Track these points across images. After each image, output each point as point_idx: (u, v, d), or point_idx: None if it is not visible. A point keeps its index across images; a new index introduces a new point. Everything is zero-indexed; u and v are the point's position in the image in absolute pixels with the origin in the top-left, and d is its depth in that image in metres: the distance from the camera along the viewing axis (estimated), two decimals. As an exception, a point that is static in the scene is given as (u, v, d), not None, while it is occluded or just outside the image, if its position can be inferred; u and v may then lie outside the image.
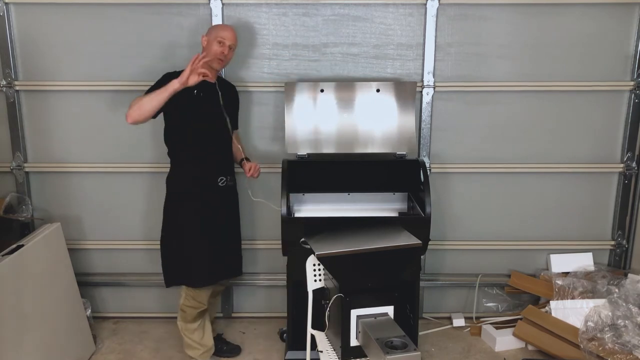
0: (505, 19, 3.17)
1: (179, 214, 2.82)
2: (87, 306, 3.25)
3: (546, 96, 3.28)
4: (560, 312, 3.14)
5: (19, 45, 3.20)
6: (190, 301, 2.87)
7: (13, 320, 2.51)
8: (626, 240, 3.46)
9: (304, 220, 2.95)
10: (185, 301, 2.88)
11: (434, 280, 3.50)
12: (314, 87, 3.07)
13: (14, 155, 3.31)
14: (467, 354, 3.18)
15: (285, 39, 3.19)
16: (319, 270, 2.57)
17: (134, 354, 3.18)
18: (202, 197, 2.80)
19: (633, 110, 3.29)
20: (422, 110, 3.26)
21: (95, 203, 3.40)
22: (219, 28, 2.86)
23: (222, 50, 2.76)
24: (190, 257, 2.82)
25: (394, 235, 2.61)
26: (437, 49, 3.20)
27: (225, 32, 2.81)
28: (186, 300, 2.88)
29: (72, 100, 3.27)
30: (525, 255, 3.50)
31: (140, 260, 3.48)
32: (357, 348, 2.40)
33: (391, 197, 3.16)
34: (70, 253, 3.09)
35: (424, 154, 3.31)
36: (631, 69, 3.25)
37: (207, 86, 2.79)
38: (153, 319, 3.53)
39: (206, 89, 2.78)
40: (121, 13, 3.16)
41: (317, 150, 3.11)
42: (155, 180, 3.35)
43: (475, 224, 3.45)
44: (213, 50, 2.76)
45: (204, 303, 2.89)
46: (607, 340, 2.92)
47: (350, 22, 3.17)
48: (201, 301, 2.87)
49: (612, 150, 3.37)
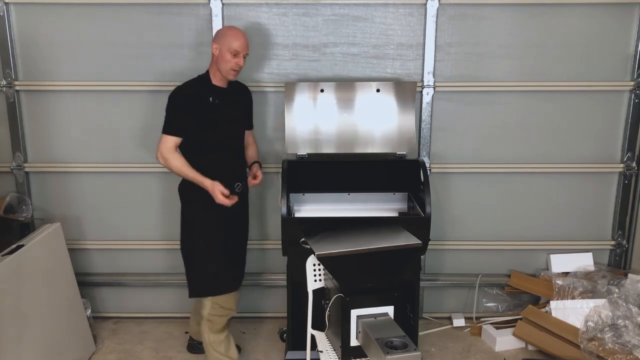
0: (505, 19, 3.17)
1: (201, 222, 2.76)
2: (87, 306, 3.25)
3: (546, 96, 3.28)
4: (560, 312, 3.14)
5: (19, 45, 3.20)
6: (217, 310, 2.78)
7: (13, 320, 2.51)
8: (626, 240, 3.45)
9: (304, 220, 2.95)
10: (212, 310, 2.77)
11: (434, 280, 3.50)
12: (314, 87, 3.07)
13: (14, 155, 3.32)
14: (467, 354, 3.18)
15: (285, 39, 3.19)
16: (319, 270, 2.57)
17: (134, 354, 3.18)
18: (222, 204, 2.69)
19: (633, 110, 3.29)
20: (422, 110, 3.26)
21: (95, 203, 3.40)
22: (231, 37, 2.69)
23: (237, 63, 2.67)
24: (217, 264, 2.77)
25: (394, 235, 2.61)
26: (437, 49, 3.20)
27: (239, 42, 2.67)
28: (213, 309, 2.77)
29: (72, 100, 3.27)
30: (525, 255, 3.50)
31: (140, 260, 3.48)
32: (357, 348, 2.39)
33: (391, 197, 3.16)
34: (70, 253, 3.09)
35: (424, 154, 3.31)
36: (631, 69, 3.25)
37: (221, 92, 2.75)
38: (153, 319, 3.54)
39: (221, 95, 2.74)
40: (121, 13, 3.16)
41: (317, 150, 3.11)
42: (155, 180, 3.35)
43: (475, 224, 3.45)
44: (227, 63, 2.66)
45: (234, 308, 2.85)
46: (607, 340, 2.92)
47: (350, 22, 3.17)
48: (231, 307, 2.82)
49: (612, 150, 3.37)
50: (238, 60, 2.68)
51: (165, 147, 2.67)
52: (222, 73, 2.70)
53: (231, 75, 2.71)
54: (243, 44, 2.69)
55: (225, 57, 2.66)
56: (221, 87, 2.76)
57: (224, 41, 2.68)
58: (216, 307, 2.78)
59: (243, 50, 2.69)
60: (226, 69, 2.68)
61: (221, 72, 2.70)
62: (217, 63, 2.71)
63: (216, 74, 2.73)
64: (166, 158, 2.67)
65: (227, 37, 2.69)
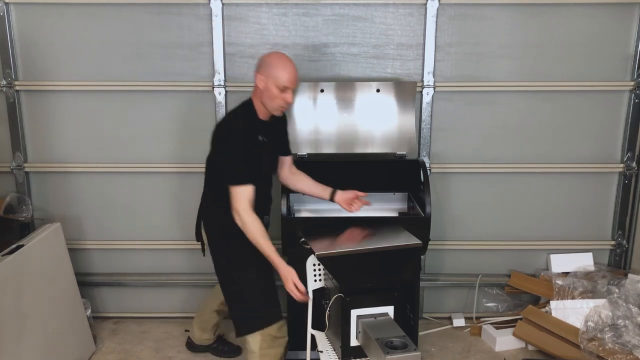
0: (505, 19, 3.17)
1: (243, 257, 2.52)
2: (87, 306, 3.25)
3: (546, 96, 3.28)
4: (560, 312, 3.14)
5: (19, 45, 3.20)
6: (270, 341, 2.53)
7: (13, 320, 2.51)
8: (626, 240, 3.45)
9: (304, 220, 2.95)
10: (263, 344, 2.52)
11: (434, 280, 3.50)
12: (314, 87, 3.07)
13: (14, 155, 3.32)
14: (467, 354, 3.18)
15: (285, 39, 3.19)
16: (319, 270, 2.57)
17: (134, 354, 3.18)
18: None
19: (633, 110, 3.29)
20: (422, 110, 3.26)
21: (95, 203, 3.40)
22: (279, 69, 2.39)
23: (286, 99, 2.41)
24: (266, 293, 2.56)
25: (394, 235, 2.61)
26: (437, 49, 3.19)
27: (288, 75, 2.39)
28: (264, 342, 2.52)
29: (72, 100, 3.27)
30: (525, 255, 3.50)
31: (140, 260, 3.48)
32: (357, 348, 2.39)
33: (391, 197, 3.16)
34: (70, 253, 3.09)
35: (424, 154, 3.31)
36: (631, 69, 3.25)
37: (266, 127, 2.54)
38: (153, 319, 3.54)
39: (266, 130, 2.54)
40: (121, 13, 3.16)
41: (317, 150, 3.11)
42: (155, 180, 3.35)
43: (475, 224, 3.45)
44: (274, 99, 2.42)
45: (285, 334, 2.61)
46: (607, 340, 2.92)
47: (350, 22, 3.17)
48: (284, 334, 2.60)
49: (612, 150, 3.37)
50: (286, 96, 2.42)
51: (243, 205, 2.37)
52: (268, 109, 2.47)
53: (278, 112, 2.49)
54: (293, 78, 2.41)
55: (272, 92, 2.40)
56: (266, 120, 2.54)
57: (270, 73, 2.40)
58: (268, 338, 2.53)
59: (292, 85, 2.41)
60: (273, 105, 2.44)
61: (266, 107, 2.46)
62: (261, 96, 2.45)
63: (261, 108, 2.49)
64: (245, 221, 2.37)
65: (275, 69, 2.40)
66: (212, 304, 3.02)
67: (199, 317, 3.10)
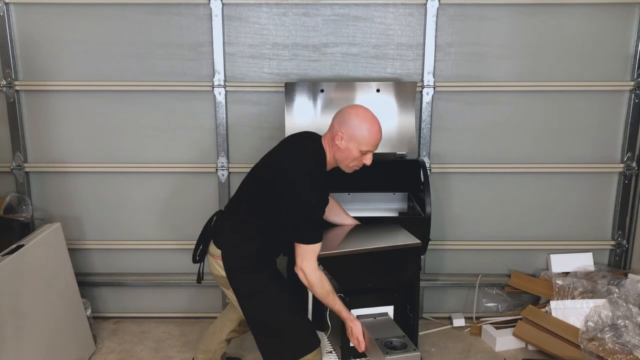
0: (505, 19, 3.17)
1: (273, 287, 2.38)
2: (87, 306, 3.25)
3: (546, 96, 3.28)
4: (560, 312, 3.13)
5: (19, 45, 3.20)
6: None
7: (13, 320, 2.51)
8: (626, 240, 3.45)
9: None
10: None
11: (434, 280, 3.50)
12: (314, 87, 3.07)
13: (14, 155, 3.32)
14: (467, 354, 3.18)
15: (285, 39, 3.19)
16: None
17: (134, 354, 3.18)
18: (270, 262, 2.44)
19: (633, 110, 3.29)
20: (422, 110, 3.26)
21: (95, 203, 3.40)
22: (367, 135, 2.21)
23: (365, 162, 2.26)
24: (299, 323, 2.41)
25: (394, 235, 2.62)
26: (437, 49, 3.19)
27: (377, 141, 2.23)
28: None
29: (72, 100, 3.27)
30: (525, 255, 3.50)
31: (140, 260, 3.48)
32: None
33: (391, 197, 3.16)
34: (70, 253, 3.09)
35: (424, 154, 3.31)
36: (631, 69, 3.25)
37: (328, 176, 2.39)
38: (153, 319, 3.53)
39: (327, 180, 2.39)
40: (121, 13, 3.16)
41: (317, 150, 3.10)
42: (155, 180, 3.35)
43: (475, 224, 3.45)
44: (351, 160, 2.27)
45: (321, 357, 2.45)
46: (607, 340, 2.92)
47: (350, 22, 3.17)
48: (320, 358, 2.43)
49: (612, 150, 3.37)
50: (367, 159, 2.26)
51: (312, 265, 2.20)
52: (340, 166, 2.32)
53: (349, 171, 2.32)
54: (378, 142, 2.24)
55: (352, 154, 2.24)
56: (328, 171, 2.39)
57: (355, 136, 2.22)
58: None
59: (376, 148, 2.26)
60: (348, 165, 2.29)
61: (339, 163, 2.31)
62: (336, 152, 2.28)
63: (331, 161, 2.32)
64: (313, 283, 2.20)
65: (361, 133, 2.21)
66: (221, 333, 2.72)
67: (205, 347, 2.76)
